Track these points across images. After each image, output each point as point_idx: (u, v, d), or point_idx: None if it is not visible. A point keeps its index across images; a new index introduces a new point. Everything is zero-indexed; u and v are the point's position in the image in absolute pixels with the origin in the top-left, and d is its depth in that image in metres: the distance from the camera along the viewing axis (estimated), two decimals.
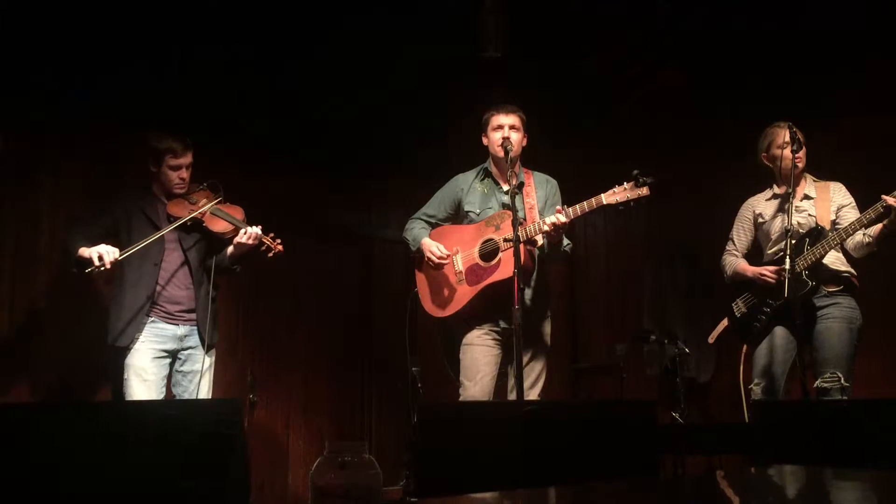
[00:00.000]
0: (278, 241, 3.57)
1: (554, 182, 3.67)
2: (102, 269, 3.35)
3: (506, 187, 3.52)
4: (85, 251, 3.38)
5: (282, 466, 5.10)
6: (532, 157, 3.70)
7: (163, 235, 3.52)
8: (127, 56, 4.21)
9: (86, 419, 2.14)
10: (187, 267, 3.61)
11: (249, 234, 3.51)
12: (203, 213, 3.58)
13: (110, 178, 4.69)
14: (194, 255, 3.63)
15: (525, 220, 3.45)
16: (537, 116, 3.69)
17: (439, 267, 3.54)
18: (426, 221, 3.72)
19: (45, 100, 4.44)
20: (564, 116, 5.07)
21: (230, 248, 3.61)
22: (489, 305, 3.43)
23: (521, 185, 3.53)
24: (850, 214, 3.46)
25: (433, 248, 3.54)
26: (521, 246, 3.22)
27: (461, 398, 3.43)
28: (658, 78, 4.76)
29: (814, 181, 3.64)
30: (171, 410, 2.28)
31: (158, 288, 3.53)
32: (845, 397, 3.29)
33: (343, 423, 5.41)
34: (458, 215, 3.69)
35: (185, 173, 3.62)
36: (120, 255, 3.38)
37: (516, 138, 3.49)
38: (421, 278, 3.68)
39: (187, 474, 2.11)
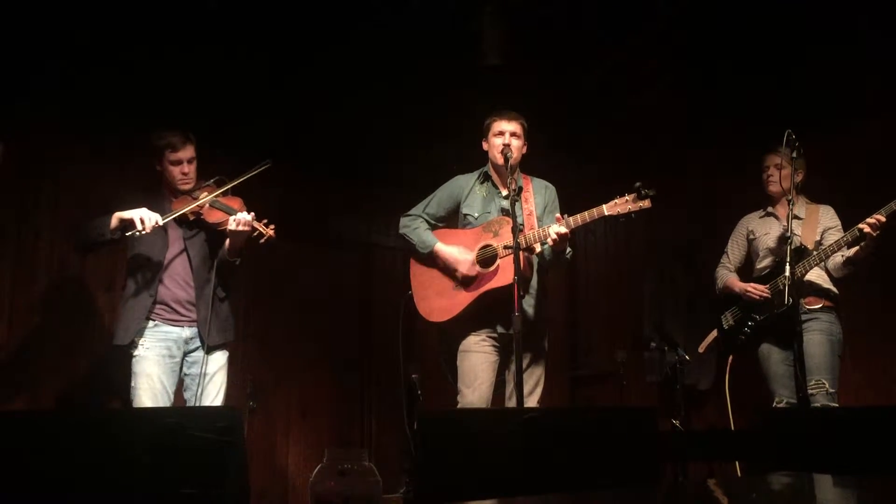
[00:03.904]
0: (271, 226, 3.42)
1: (552, 188, 3.67)
2: (142, 232, 3.25)
3: (505, 192, 3.52)
4: (125, 213, 3.28)
5: (281, 474, 5.09)
6: (531, 165, 3.70)
7: (167, 233, 3.46)
8: (127, 61, 4.22)
9: (85, 427, 2.14)
10: (189, 265, 3.50)
11: (238, 220, 3.35)
12: (201, 206, 3.46)
13: (111, 185, 4.70)
14: (196, 253, 3.52)
15: (524, 226, 3.44)
16: (537, 124, 3.69)
17: (463, 276, 3.49)
18: (426, 221, 3.69)
19: (46, 107, 4.46)
20: (564, 125, 5.08)
21: (227, 240, 3.48)
22: (486, 312, 3.42)
23: (519, 191, 3.52)
24: (834, 237, 3.59)
25: (457, 255, 3.50)
26: (520, 253, 3.22)
27: (459, 405, 3.42)
28: (657, 86, 4.77)
29: (806, 202, 3.79)
30: (170, 418, 2.28)
31: (162, 287, 3.44)
32: (834, 403, 3.44)
33: (343, 430, 5.40)
34: (454, 217, 3.69)
35: (187, 168, 3.50)
36: (162, 221, 3.31)
37: (517, 145, 3.49)
38: (416, 281, 3.65)
39: (187, 482, 2.11)
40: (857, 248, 3.45)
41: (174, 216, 3.40)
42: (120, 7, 3.82)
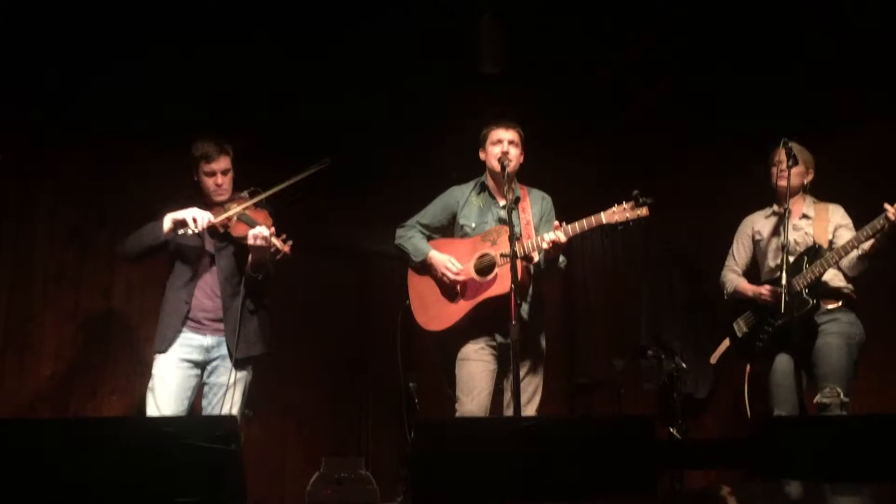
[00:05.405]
0: (289, 243, 3.36)
1: (549, 199, 3.66)
2: (195, 231, 3.28)
3: (502, 202, 3.51)
4: (177, 214, 3.30)
5: (278, 483, 5.08)
6: (529, 173, 3.69)
7: (203, 243, 3.45)
8: (126, 62, 4.21)
9: (80, 435, 2.13)
10: (217, 275, 3.47)
11: (256, 234, 3.29)
12: (229, 219, 3.40)
13: (109, 190, 4.70)
14: (224, 264, 3.48)
15: (521, 236, 3.42)
16: (535, 132, 3.68)
17: (454, 283, 3.49)
18: (421, 232, 3.69)
19: (45, 111, 4.45)
20: (562, 132, 5.07)
21: (250, 254, 3.42)
22: (484, 320, 3.41)
23: (517, 201, 3.49)
24: (847, 235, 3.48)
25: (448, 263, 3.49)
26: (518, 262, 3.21)
27: (457, 413, 3.40)
28: (656, 91, 4.76)
29: (814, 202, 3.68)
30: (167, 426, 2.27)
31: (192, 297, 3.44)
32: (845, 412, 3.30)
33: (340, 438, 5.38)
34: (450, 227, 3.68)
35: (220, 179, 3.46)
36: (215, 219, 3.33)
37: (514, 153, 3.48)
38: (414, 291, 3.64)
39: (183, 491, 2.10)
40: (873, 241, 3.30)
41: (188, 229, 3.35)
42: (119, 8, 3.82)
